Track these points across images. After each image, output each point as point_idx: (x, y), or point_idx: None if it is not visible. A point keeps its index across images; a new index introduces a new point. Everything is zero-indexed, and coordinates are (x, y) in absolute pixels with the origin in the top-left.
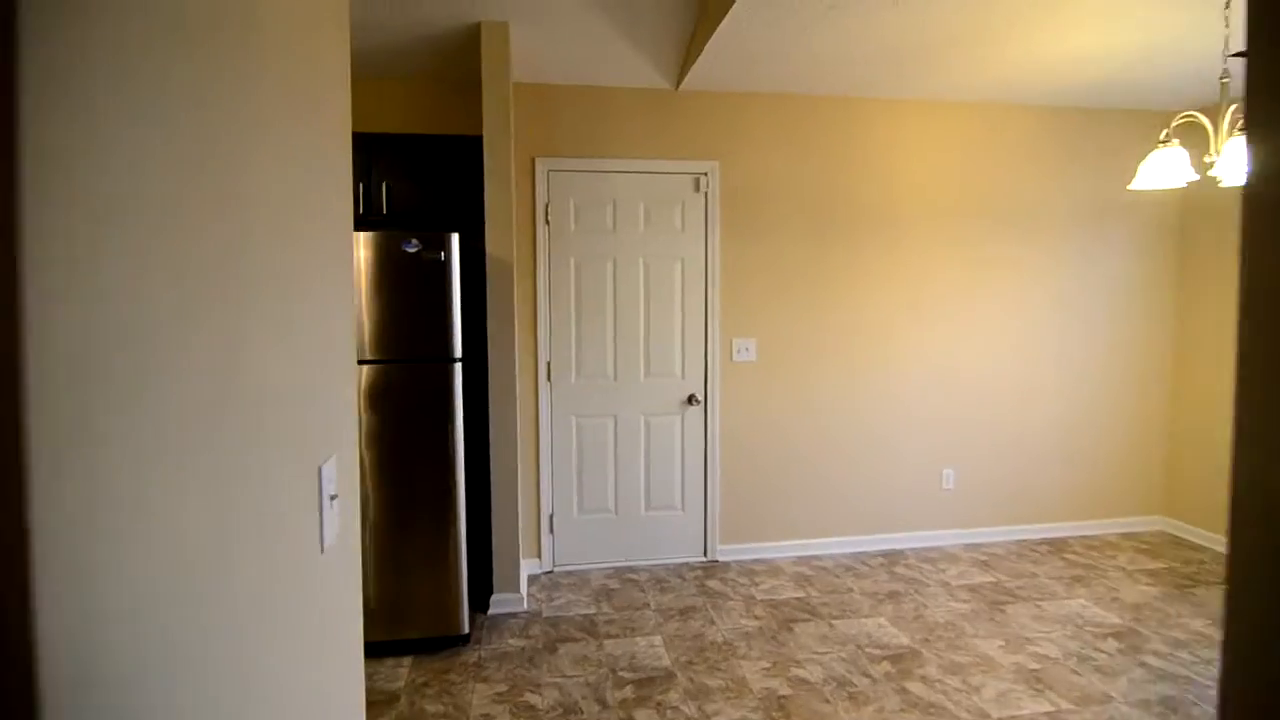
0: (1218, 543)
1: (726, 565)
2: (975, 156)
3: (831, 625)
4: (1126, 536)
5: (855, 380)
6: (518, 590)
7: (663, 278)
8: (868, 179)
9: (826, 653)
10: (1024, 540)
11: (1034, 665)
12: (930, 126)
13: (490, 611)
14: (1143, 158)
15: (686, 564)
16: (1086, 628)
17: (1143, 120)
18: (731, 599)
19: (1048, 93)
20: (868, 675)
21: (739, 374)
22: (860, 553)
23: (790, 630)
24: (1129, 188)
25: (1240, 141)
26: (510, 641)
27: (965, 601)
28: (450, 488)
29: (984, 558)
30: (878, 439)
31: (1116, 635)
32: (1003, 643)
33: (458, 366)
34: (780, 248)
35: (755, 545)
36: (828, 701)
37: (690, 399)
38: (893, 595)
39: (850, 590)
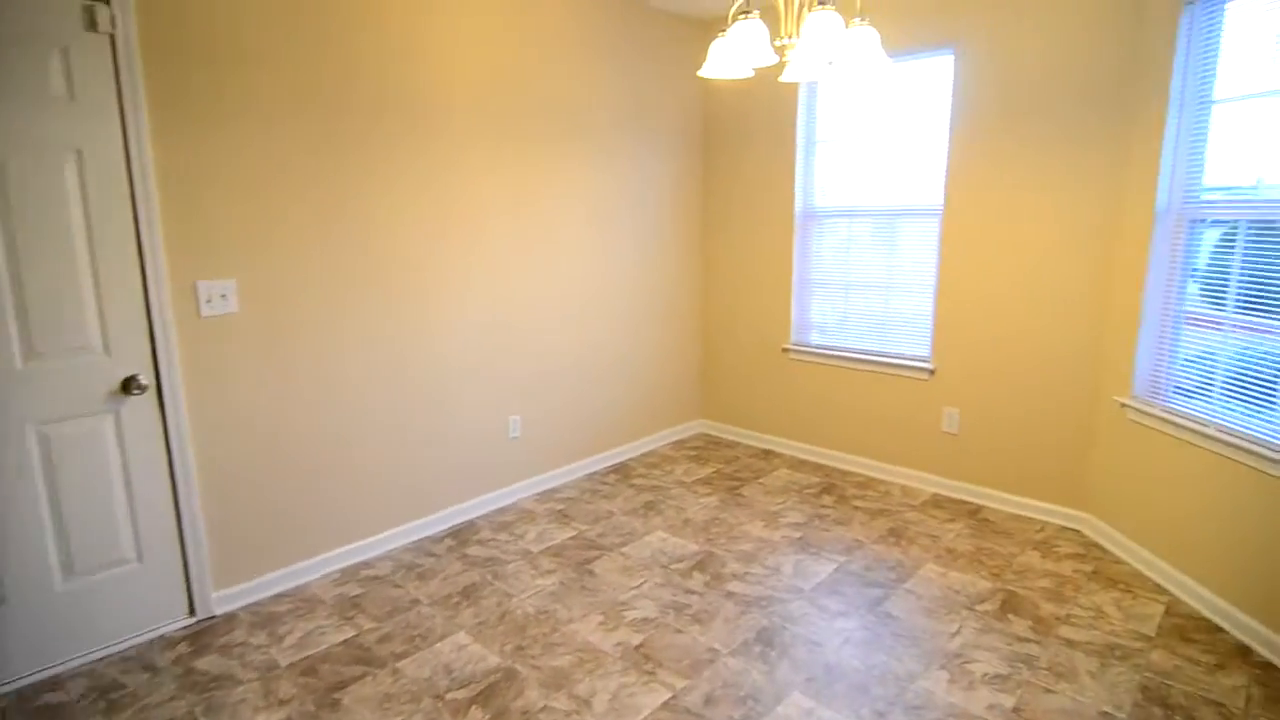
0: (747, 436)
1: (232, 621)
2: (513, 45)
3: (396, 673)
4: (676, 446)
5: (390, 326)
6: None
7: (39, 187)
8: (391, 58)
9: None
10: (593, 473)
11: (637, 639)
12: (466, 7)
13: None
14: (685, 62)
15: (161, 638)
16: (671, 565)
17: (687, 24)
18: (238, 682)
19: None
20: None
21: (212, 334)
22: (425, 539)
23: (334, 709)
24: (698, 74)
25: (824, 16)
26: None
27: (552, 572)
28: None
29: (560, 505)
30: (428, 397)
31: (699, 565)
32: (601, 617)
33: None
34: (264, 142)
35: (277, 574)
36: None
37: (129, 384)
38: (470, 592)
39: (416, 603)
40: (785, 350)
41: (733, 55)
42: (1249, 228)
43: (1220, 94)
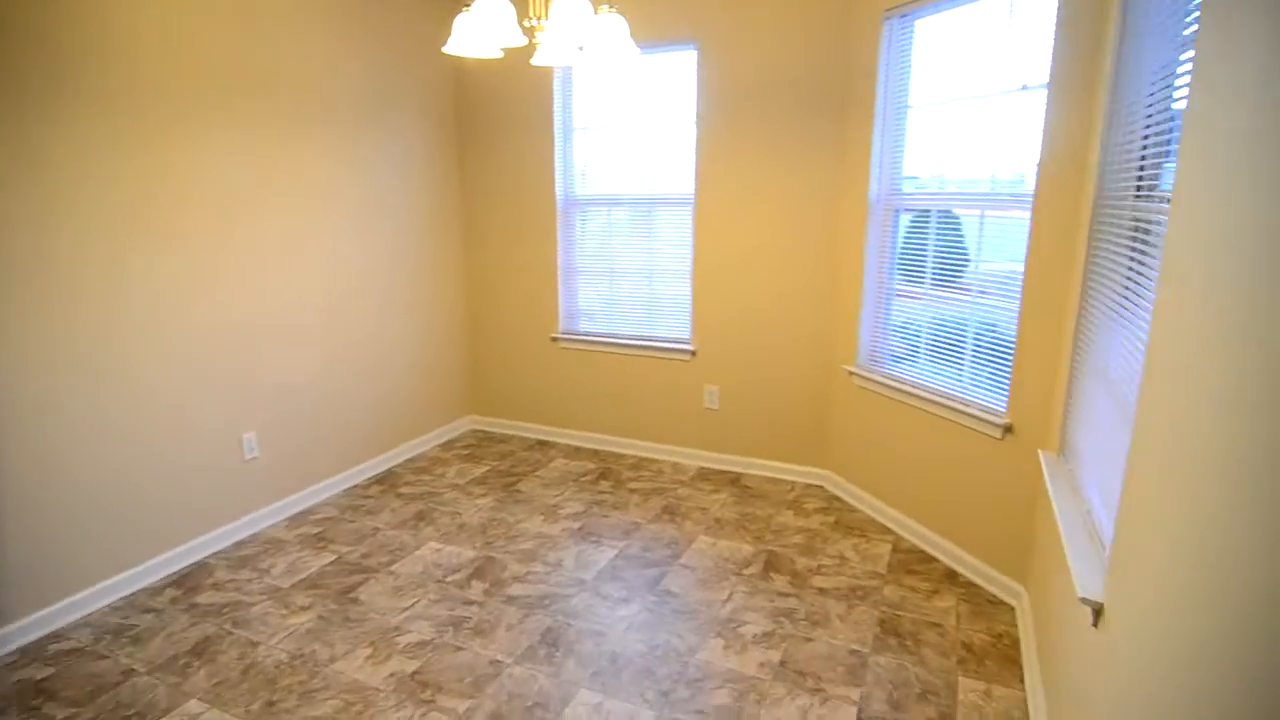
0: (521, 429)
1: None
2: (232, 19)
3: None
4: (447, 446)
5: (80, 336)
6: None
7: None
8: (81, 35)
9: None
10: (354, 486)
11: (412, 666)
12: None
13: None
14: (434, 39)
15: None
16: (448, 578)
17: None
18: None
19: None
20: None
21: None
22: (139, 592)
23: None
24: (443, 50)
25: (570, 1)
26: None
27: (307, 608)
28: None
29: (315, 529)
30: (133, 423)
31: (477, 572)
32: (370, 650)
33: None
34: None
35: None
36: None
37: None
38: (203, 649)
39: (130, 674)
40: (554, 339)
41: (478, 32)
42: (938, 215)
43: (913, 100)
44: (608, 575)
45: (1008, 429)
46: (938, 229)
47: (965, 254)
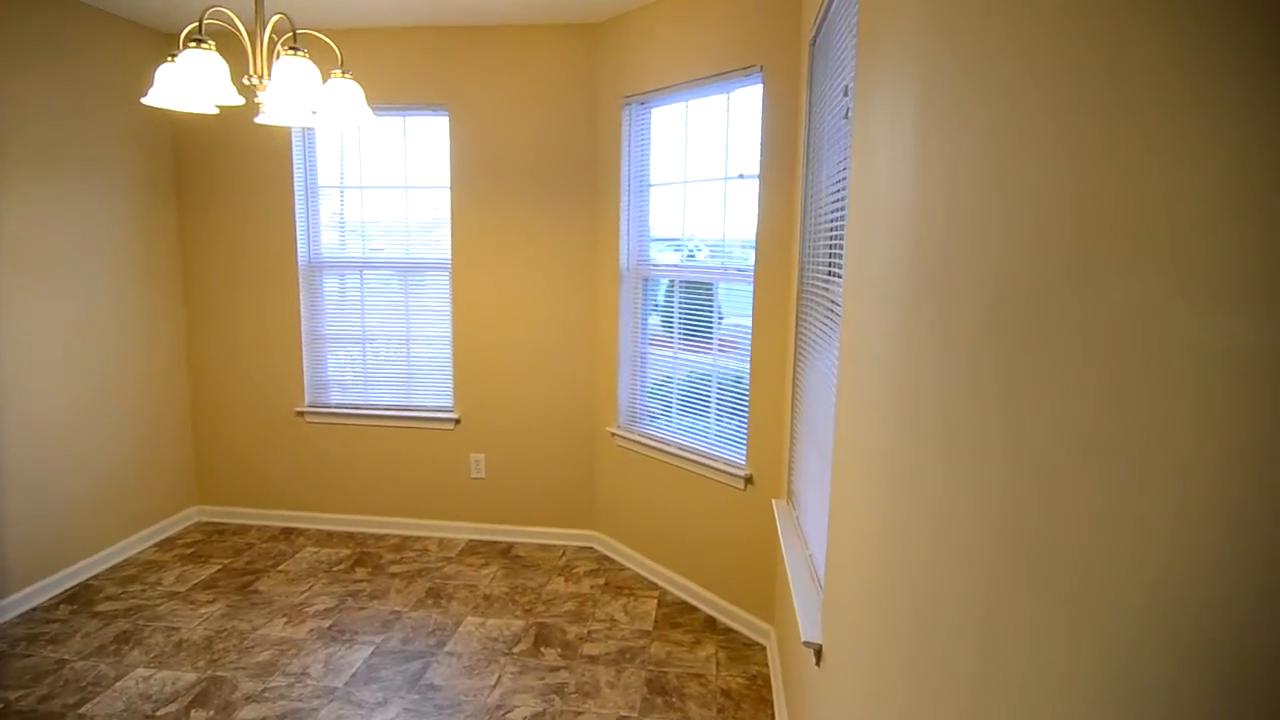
0: (262, 517)
1: None
2: None
3: None
4: (165, 546)
5: None
6: None
7: None
8: None
9: None
10: (33, 609)
11: None
12: None
13: None
14: (130, 86)
15: None
16: (158, 712)
17: (144, 33)
18: None
19: None
20: None
21: None
22: None
23: None
24: (142, 101)
25: (293, 63)
26: None
27: None
28: None
29: None
30: None
31: (198, 699)
32: None
33: None
34: None
35: None
36: None
37: None
38: None
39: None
40: (300, 413)
41: (186, 86)
42: (680, 284)
43: (654, 178)
44: (362, 677)
45: (749, 480)
46: (683, 293)
47: (710, 315)
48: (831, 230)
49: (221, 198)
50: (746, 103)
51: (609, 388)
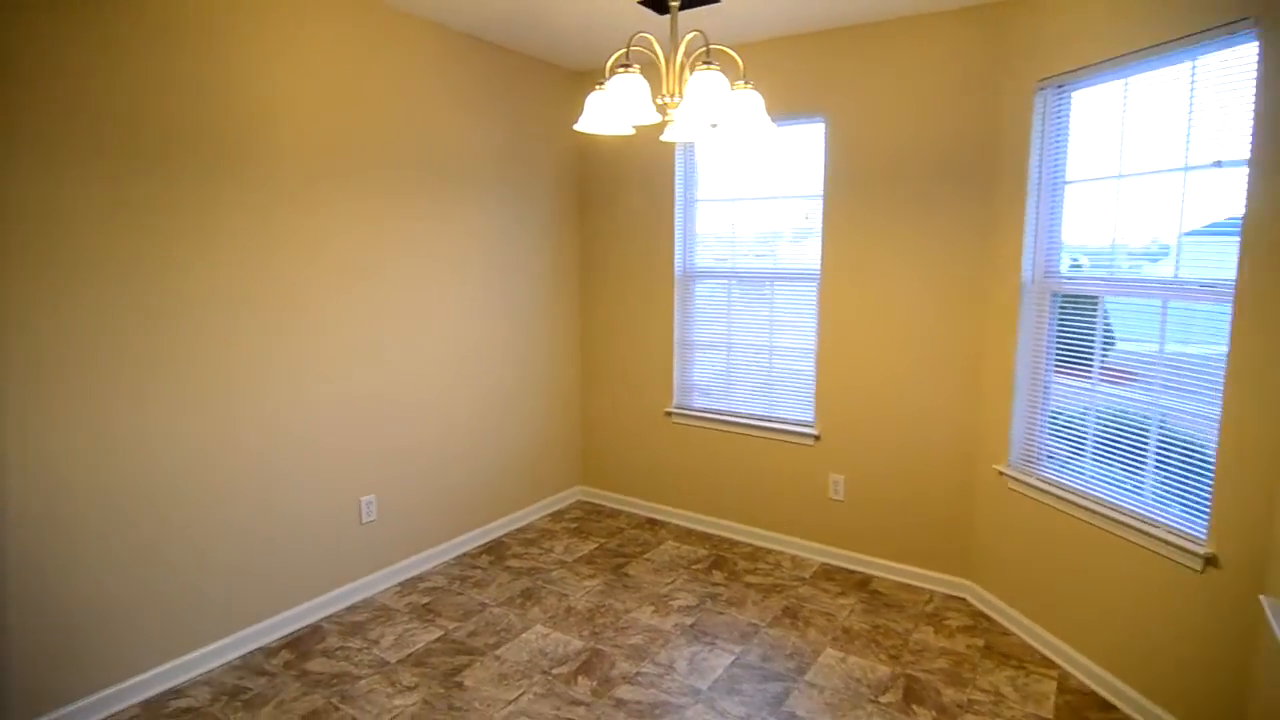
0: (630, 504)
1: None
2: (372, 95)
3: None
4: (555, 518)
5: (207, 400)
6: None
7: None
8: (232, 117)
9: None
10: (464, 554)
11: None
12: (309, 29)
13: None
14: (562, 115)
15: None
16: (554, 670)
17: (563, 75)
18: None
19: (462, 12)
20: None
21: None
22: (256, 651)
23: None
24: (575, 128)
25: (707, 76)
26: None
27: (413, 688)
28: None
29: (425, 598)
30: (260, 480)
31: (584, 667)
32: None
33: None
34: (58, 187)
35: (54, 716)
36: None
37: None
38: None
39: None
40: (668, 414)
41: (611, 111)
42: (1108, 300)
43: (1071, 175)
44: (724, 686)
45: (1209, 560)
46: (1112, 313)
47: (1152, 340)
48: None
49: (614, 210)
50: (1222, 71)
51: (997, 419)
